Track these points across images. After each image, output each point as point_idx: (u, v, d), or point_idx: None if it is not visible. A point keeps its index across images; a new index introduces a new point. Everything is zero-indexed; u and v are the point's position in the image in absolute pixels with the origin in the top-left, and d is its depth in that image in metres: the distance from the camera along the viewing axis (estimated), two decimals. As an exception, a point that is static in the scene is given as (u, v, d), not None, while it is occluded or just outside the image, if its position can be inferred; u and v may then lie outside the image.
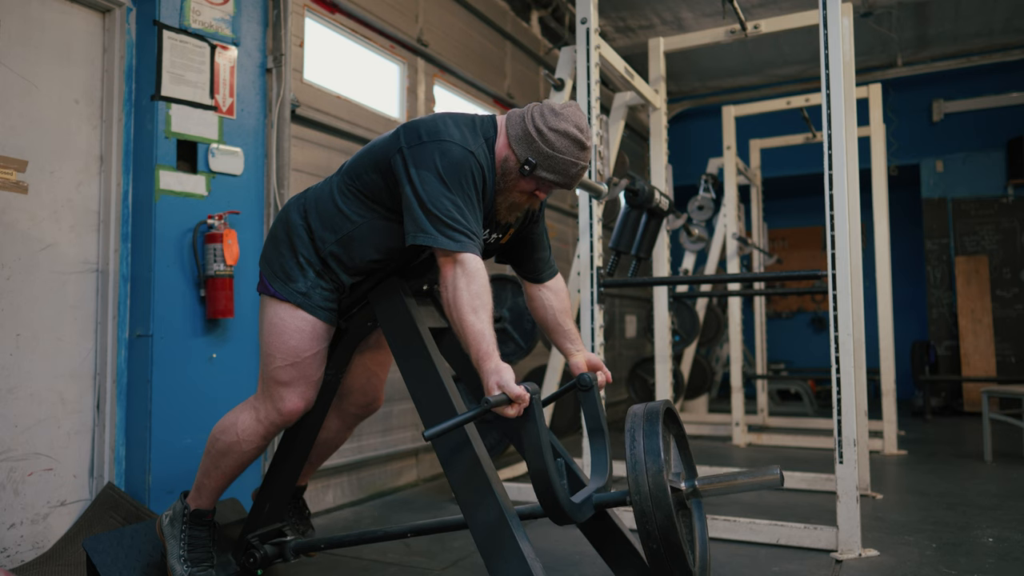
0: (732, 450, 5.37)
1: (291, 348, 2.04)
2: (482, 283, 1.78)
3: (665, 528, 1.59)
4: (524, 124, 1.90)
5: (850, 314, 2.81)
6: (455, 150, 1.84)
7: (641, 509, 1.61)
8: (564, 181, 1.92)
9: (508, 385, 1.66)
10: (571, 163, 1.90)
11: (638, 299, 7.99)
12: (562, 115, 1.89)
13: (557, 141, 1.87)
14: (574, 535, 2.93)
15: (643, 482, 1.61)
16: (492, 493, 1.76)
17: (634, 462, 1.64)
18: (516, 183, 1.94)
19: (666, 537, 1.59)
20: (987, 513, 3.40)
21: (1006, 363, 7.60)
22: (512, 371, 1.71)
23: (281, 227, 2.12)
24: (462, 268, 1.78)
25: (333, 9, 3.79)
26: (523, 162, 1.89)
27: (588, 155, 1.93)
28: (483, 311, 1.75)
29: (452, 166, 1.83)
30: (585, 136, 1.90)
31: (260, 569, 2.24)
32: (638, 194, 3.25)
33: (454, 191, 1.82)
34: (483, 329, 1.74)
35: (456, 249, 1.78)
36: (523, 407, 1.68)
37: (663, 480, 1.60)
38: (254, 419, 2.11)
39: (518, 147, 1.90)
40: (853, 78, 3.96)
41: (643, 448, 1.64)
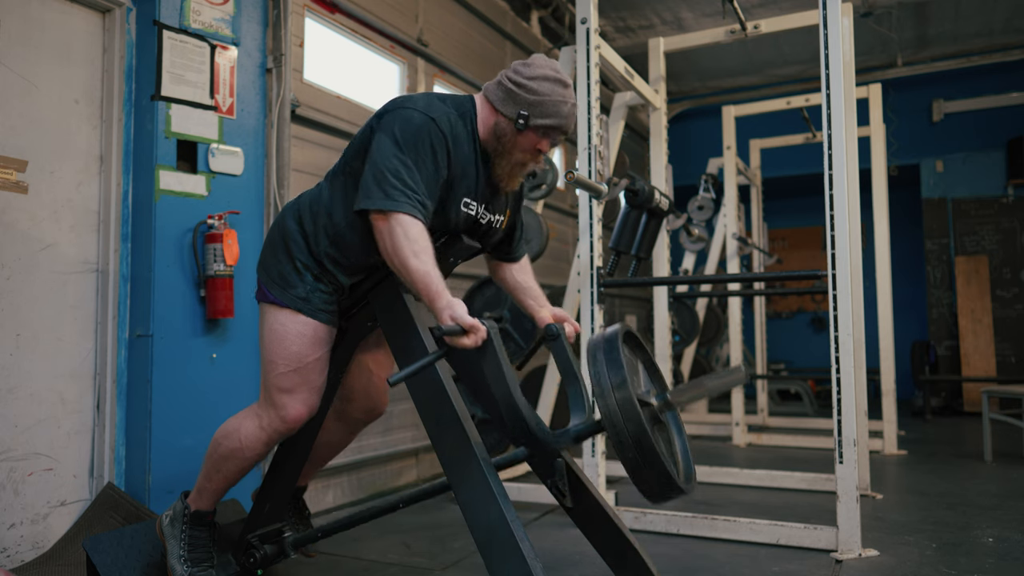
0: (732, 450, 5.37)
1: (293, 354, 2.03)
2: (420, 231, 1.80)
3: (637, 435, 1.56)
4: (503, 85, 1.96)
5: (850, 314, 2.81)
6: (415, 116, 1.89)
7: (611, 421, 1.59)
8: (560, 123, 1.96)
9: (462, 317, 1.70)
10: (560, 102, 1.95)
11: (638, 299, 7.99)
12: (533, 64, 1.97)
13: (539, 86, 1.93)
14: (574, 535, 2.93)
15: (608, 394, 1.60)
16: (492, 493, 1.76)
17: (597, 378, 1.62)
18: (515, 142, 1.97)
19: (639, 443, 1.57)
20: (987, 513, 3.40)
21: (1006, 363, 7.60)
22: (465, 306, 1.74)
23: (277, 233, 2.12)
24: (396, 221, 1.79)
25: (333, 9, 3.79)
26: (515, 118, 1.93)
27: (572, 93, 1.98)
28: (424, 254, 1.77)
29: (409, 130, 1.86)
30: (563, 76, 1.97)
31: (260, 569, 2.24)
32: (638, 194, 3.25)
33: (406, 152, 1.84)
34: (428, 270, 1.76)
35: (392, 208, 1.79)
36: (479, 337, 1.72)
37: (628, 389, 1.58)
38: (257, 427, 2.10)
39: (505, 108, 1.95)
40: (853, 78, 3.96)
41: (604, 363, 1.63)
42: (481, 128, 1.99)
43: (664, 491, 1.61)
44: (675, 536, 3.09)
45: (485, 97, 2.00)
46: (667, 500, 1.64)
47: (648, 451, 1.56)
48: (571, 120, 1.98)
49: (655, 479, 1.59)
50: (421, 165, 1.85)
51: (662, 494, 1.61)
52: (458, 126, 1.95)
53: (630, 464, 1.59)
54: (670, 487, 1.60)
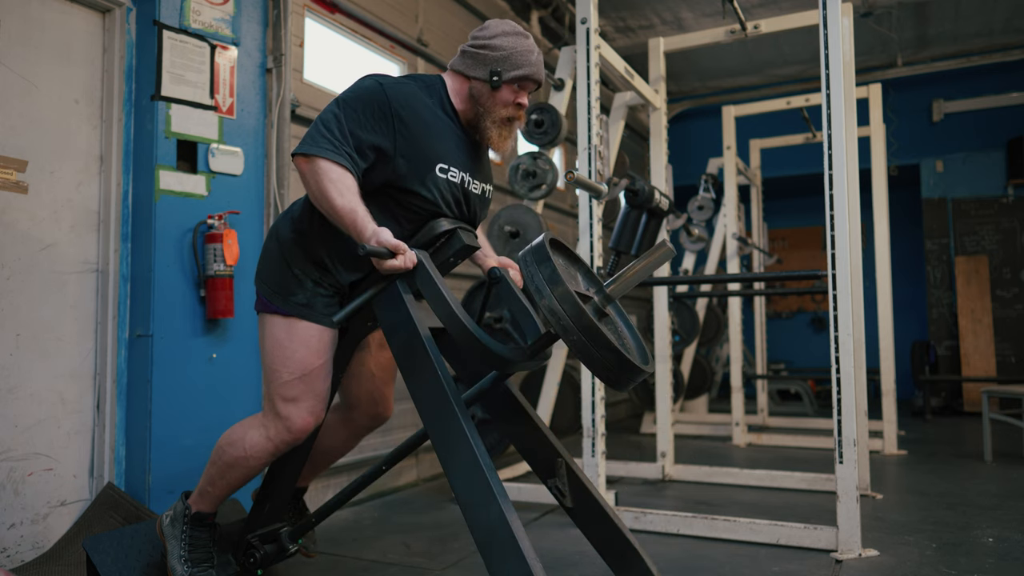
0: (732, 450, 5.37)
1: (298, 361, 2.01)
2: (341, 172, 1.86)
3: (576, 315, 1.57)
4: (468, 52, 2.04)
5: (850, 314, 2.81)
6: (365, 82, 1.97)
7: (551, 310, 1.60)
8: (531, 71, 2.03)
9: (388, 240, 1.79)
10: (526, 51, 2.02)
11: (638, 299, 7.99)
12: (489, 26, 2.05)
13: (502, 42, 2.01)
14: (574, 535, 2.93)
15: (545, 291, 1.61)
16: (492, 493, 1.75)
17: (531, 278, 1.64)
18: (494, 99, 2.03)
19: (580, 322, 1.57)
20: (987, 513, 3.40)
21: (1006, 363, 7.60)
22: (390, 232, 1.82)
23: (273, 243, 2.11)
24: (317, 165, 1.87)
25: (333, 9, 3.79)
26: (488, 77, 2.01)
27: (534, 43, 2.06)
28: (348, 192, 1.85)
29: (353, 91, 1.96)
30: (520, 29, 2.05)
31: (260, 569, 2.24)
32: (638, 194, 3.25)
33: (342, 108, 1.92)
34: (354, 206, 1.84)
35: (315, 153, 1.86)
36: (408, 259, 1.81)
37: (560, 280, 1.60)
38: (264, 437, 2.07)
39: (475, 71, 2.03)
40: (853, 78, 3.96)
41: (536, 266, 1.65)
42: (456, 100, 2.06)
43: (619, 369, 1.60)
44: (675, 536, 3.10)
45: (452, 70, 2.08)
46: (629, 382, 1.63)
47: (591, 329, 1.58)
48: (540, 67, 2.06)
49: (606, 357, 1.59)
50: (356, 121, 1.91)
51: (621, 375, 1.61)
52: (418, 94, 2.01)
53: (579, 348, 1.60)
54: (623, 364, 1.59)
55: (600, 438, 3.24)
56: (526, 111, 2.12)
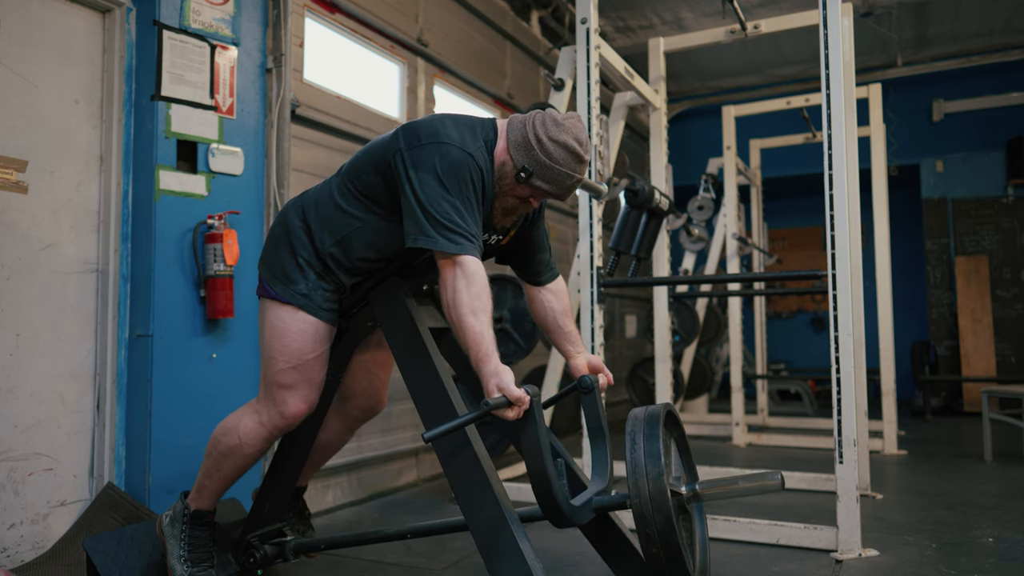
0: (732, 450, 5.37)
1: (293, 351, 2.03)
2: (481, 285, 1.79)
3: (665, 532, 1.59)
4: (524, 131, 1.91)
5: (850, 314, 2.81)
6: (454, 152, 1.85)
7: (641, 513, 1.61)
8: (557, 192, 1.94)
9: (508, 388, 1.67)
10: (567, 175, 1.91)
11: (638, 299, 7.99)
12: (563, 126, 1.90)
13: (556, 152, 1.88)
14: (574, 535, 2.92)
15: (643, 486, 1.61)
16: (492, 493, 1.76)
17: (634, 466, 1.64)
18: (512, 188, 1.95)
19: (666, 541, 1.59)
20: (987, 513, 3.40)
21: (1006, 363, 7.60)
22: (512, 373, 1.72)
23: (280, 230, 2.11)
24: (461, 270, 1.78)
25: (333, 9, 3.79)
26: (520, 169, 1.90)
27: (584, 168, 1.95)
28: (483, 313, 1.76)
29: (451, 168, 1.83)
30: (584, 150, 1.92)
31: (260, 569, 2.24)
32: (638, 194, 3.25)
33: (453, 193, 1.82)
34: (483, 331, 1.74)
35: (455, 252, 1.78)
36: (523, 410, 1.68)
37: (663, 484, 1.60)
38: (257, 423, 2.10)
39: (516, 153, 1.91)
40: (853, 78, 3.95)
41: (643, 452, 1.64)
42: (495, 159, 1.97)
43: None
44: (675, 536, 3.09)
45: (506, 131, 1.96)
46: None
47: (673, 550, 1.59)
48: (569, 193, 1.97)
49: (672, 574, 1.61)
50: (466, 203, 1.84)
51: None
52: (487, 160, 1.93)
53: (652, 559, 1.62)
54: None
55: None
56: None
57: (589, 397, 1.99)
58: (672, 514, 1.59)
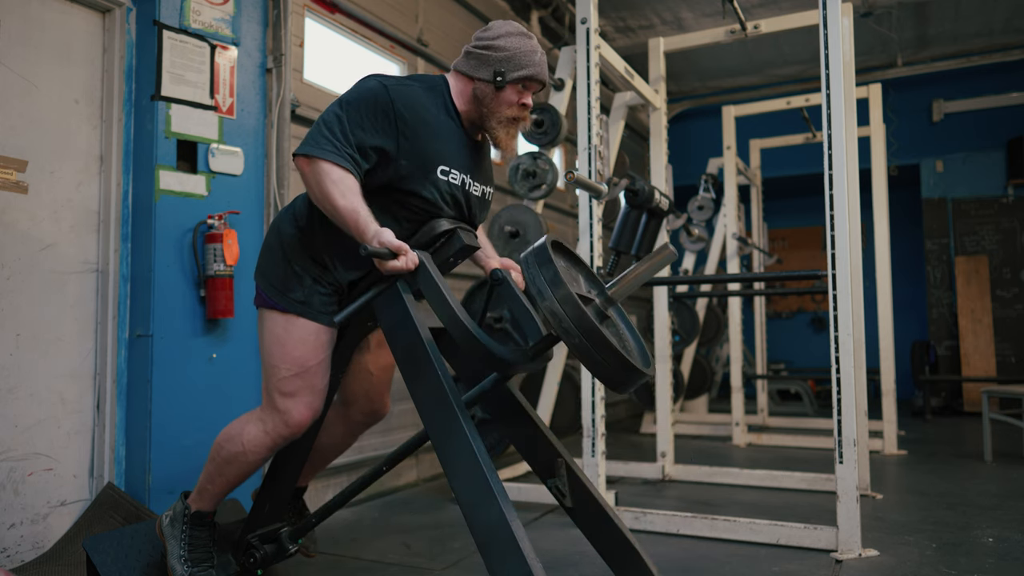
0: (732, 450, 5.37)
1: (296, 358, 2.02)
2: (342, 173, 1.86)
3: (578, 317, 1.57)
4: (471, 53, 2.03)
5: (850, 314, 2.81)
6: (369, 82, 1.96)
7: (553, 313, 1.60)
8: (535, 71, 2.02)
9: (390, 240, 1.78)
10: (530, 52, 2.01)
11: (638, 299, 7.99)
12: (493, 27, 2.04)
13: (506, 43, 2.00)
14: (574, 535, 2.93)
15: (547, 293, 1.61)
16: (492, 493, 1.75)
17: (532, 280, 1.65)
18: (498, 101, 2.03)
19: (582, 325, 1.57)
20: (987, 513, 3.40)
21: (1006, 363, 7.60)
22: (392, 232, 1.81)
23: (274, 238, 2.11)
24: (319, 167, 1.87)
25: (333, 9, 3.79)
26: (492, 78, 2.00)
27: (537, 43, 2.05)
28: (350, 193, 1.85)
29: (356, 92, 1.94)
30: (524, 30, 2.05)
31: (260, 569, 2.24)
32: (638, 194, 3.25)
33: (345, 109, 1.92)
34: (355, 207, 1.83)
35: (317, 154, 1.86)
36: (410, 260, 1.79)
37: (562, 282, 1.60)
38: (261, 431, 2.09)
39: (479, 72, 2.02)
40: (853, 78, 3.95)
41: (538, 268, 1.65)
42: (459, 101, 2.05)
43: (620, 372, 1.60)
44: (675, 536, 3.10)
45: (456, 71, 2.07)
46: (631, 384, 1.64)
47: (593, 333, 1.58)
48: (544, 67, 2.05)
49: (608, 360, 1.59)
50: (357, 123, 1.91)
51: (619, 375, 1.61)
52: (421, 96, 1.99)
53: (581, 351, 1.60)
54: (625, 367, 1.60)
55: (600, 438, 3.24)
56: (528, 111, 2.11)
57: (504, 286, 2.04)
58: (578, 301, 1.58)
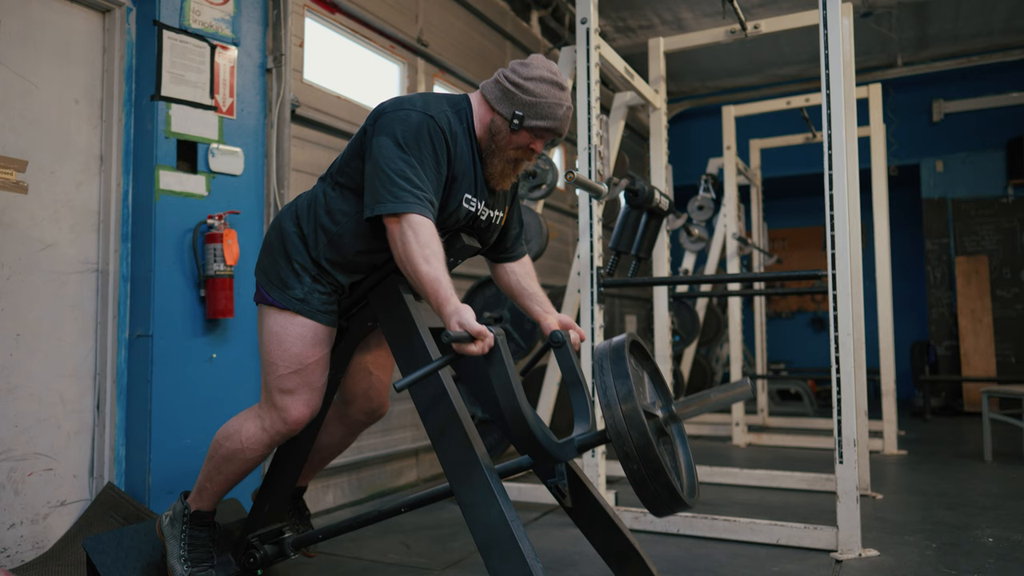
0: (732, 450, 5.37)
1: (294, 356, 2.02)
2: (429, 235, 1.80)
3: (642, 446, 1.56)
4: (500, 84, 1.97)
5: (850, 314, 2.81)
6: (413, 115, 1.89)
7: (616, 431, 1.59)
8: (555, 125, 1.97)
9: (469, 323, 1.68)
10: (556, 104, 1.95)
11: (638, 299, 7.99)
12: (531, 64, 1.96)
13: (536, 88, 1.93)
14: (574, 535, 2.93)
15: (615, 405, 1.59)
16: (492, 493, 1.75)
17: (604, 388, 1.62)
18: (509, 140, 1.98)
19: (644, 455, 1.56)
20: (987, 513, 3.40)
21: (1006, 363, 7.60)
22: (472, 312, 1.73)
23: (275, 235, 2.12)
24: (408, 223, 1.79)
25: (333, 9, 3.79)
26: (511, 117, 1.94)
27: (568, 96, 1.98)
28: (435, 259, 1.78)
29: (409, 131, 1.87)
30: (561, 78, 1.97)
31: (260, 569, 2.24)
32: (638, 194, 3.25)
33: (409, 152, 1.85)
34: (438, 276, 1.76)
35: (403, 210, 1.80)
36: (487, 345, 1.69)
37: (634, 400, 1.58)
38: (259, 428, 2.09)
39: (501, 106, 1.96)
40: (853, 78, 3.95)
41: (611, 374, 1.63)
42: (477, 125, 2.01)
43: (669, 505, 1.61)
44: (675, 536, 3.10)
45: (482, 95, 2.01)
46: (671, 514, 1.65)
47: (653, 463, 1.56)
48: (565, 123, 1.99)
49: (660, 492, 1.60)
50: (424, 164, 1.86)
51: (666, 507, 1.62)
52: (455, 123, 1.96)
53: (635, 477, 1.60)
54: (674, 500, 1.60)
55: (600, 438, 3.23)
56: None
57: (562, 351, 2.00)
58: (647, 428, 1.57)
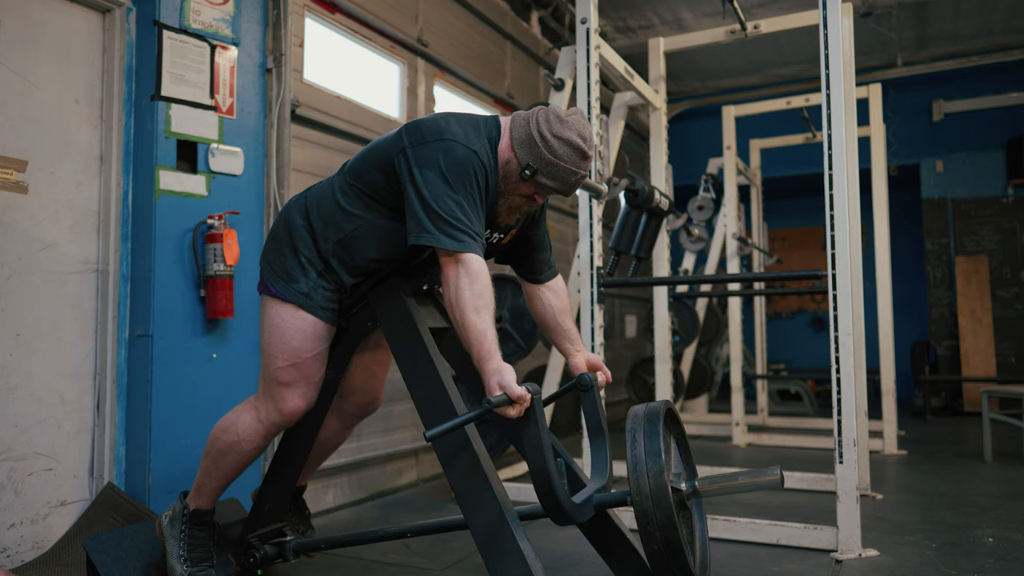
0: (732, 450, 5.37)
1: (292, 349, 2.03)
2: (484, 283, 1.78)
3: (666, 528, 1.59)
4: (528, 128, 1.91)
5: (850, 314, 2.81)
6: (458, 149, 1.84)
7: (642, 510, 1.61)
8: (562, 188, 1.94)
9: (510, 386, 1.66)
10: (571, 172, 1.91)
11: (638, 299, 7.99)
12: (567, 123, 1.90)
13: (560, 149, 1.88)
14: (574, 535, 2.92)
15: (644, 483, 1.61)
16: (492, 493, 1.76)
17: (635, 463, 1.64)
18: (516, 186, 1.95)
19: (667, 538, 1.59)
20: (987, 513, 3.40)
21: (1006, 363, 7.60)
22: (514, 371, 1.71)
23: (282, 227, 2.11)
24: (464, 268, 1.78)
25: (333, 9, 3.79)
26: (524, 166, 1.90)
27: (588, 164, 1.94)
28: (485, 311, 1.76)
29: (455, 165, 1.83)
30: (588, 146, 1.91)
31: (260, 569, 2.24)
32: (638, 194, 3.25)
33: (457, 190, 1.82)
34: (485, 329, 1.74)
35: (458, 249, 1.78)
36: (524, 408, 1.68)
37: (664, 481, 1.60)
38: (255, 419, 2.11)
39: (520, 151, 1.91)
40: (853, 78, 3.95)
41: (644, 449, 1.64)
42: (500, 158, 1.96)
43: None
44: (675, 536, 3.09)
45: (510, 129, 1.96)
46: None
47: (674, 548, 1.59)
48: (574, 189, 1.96)
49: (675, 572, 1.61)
50: (470, 201, 1.84)
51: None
52: (490, 158, 1.93)
53: (653, 556, 1.62)
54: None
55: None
56: None
57: (588, 395, 1.99)
58: (673, 511, 1.59)
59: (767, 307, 8.18)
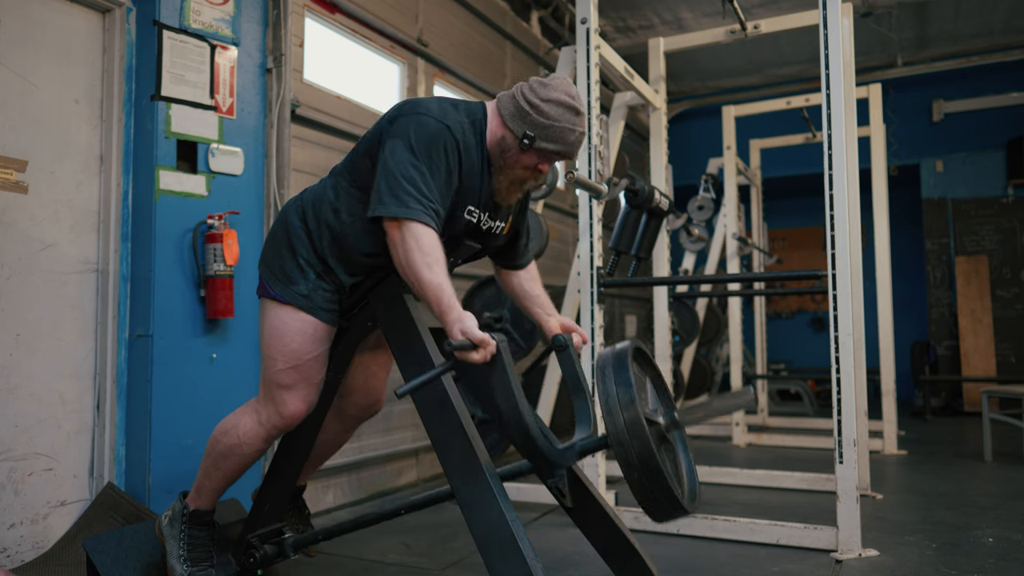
0: (732, 450, 5.37)
1: (293, 351, 2.03)
2: (431, 242, 1.79)
3: (644, 455, 1.57)
4: (516, 101, 1.94)
5: (850, 314, 2.81)
6: (430, 123, 1.88)
7: (618, 440, 1.59)
8: (564, 149, 1.95)
9: (471, 331, 1.69)
10: (568, 130, 1.92)
11: (638, 299, 7.99)
12: (551, 85, 1.93)
13: (552, 110, 1.90)
14: (574, 535, 2.93)
15: (616, 413, 1.60)
16: (492, 492, 1.76)
17: (606, 396, 1.63)
18: (517, 159, 1.96)
19: (646, 464, 1.57)
20: (987, 513, 3.40)
21: (1006, 363, 7.60)
22: (475, 319, 1.72)
23: (280, 229, 2.11)
24: (409, 231, 1.79)
25: (333, 9, 3.79)
26: (521, 136, 1.92)
27: (583, 121, 1.96)
28: (437, 266, 1.77)
29: (424, 137, 1.86)
30: (578, 103, 1.94)
31: (260, 569, 2.24)
32: (638, 194, 3.25)
33: (421, 159, 1.84)
34: (441, 282, 1.75)
35: (404, 215, 1.79)
36: (489, 353, 1.70)
37: (636, 408, 1.59)
38: (256, 422, 2.10)
39: (513, 123, 1.93)
40: (853, 78, 3.95)
41: (614, 381, 1.63)
42: (489, 138, 1.98)
43: (668, 511, 1.62)
44: (675, 536, 3.09)
45: (497, 108, 1.98)
46: (670, 519, 1.66)
47: (654, 472, 1.57)
48: (576, 148, 1.97)
49: (660, 499, 1.60)
50: (435, 173, 1.85)
51: (666, 514, 1.63)
52: (468, 134, 1.94)
53: (635, 484, 1.61)
54: (674, 507, 1.61)
55: (600, 438, 3.23)
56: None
57: (564, 354, 2.00)
58: (649, 436, 1.57)
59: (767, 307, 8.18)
